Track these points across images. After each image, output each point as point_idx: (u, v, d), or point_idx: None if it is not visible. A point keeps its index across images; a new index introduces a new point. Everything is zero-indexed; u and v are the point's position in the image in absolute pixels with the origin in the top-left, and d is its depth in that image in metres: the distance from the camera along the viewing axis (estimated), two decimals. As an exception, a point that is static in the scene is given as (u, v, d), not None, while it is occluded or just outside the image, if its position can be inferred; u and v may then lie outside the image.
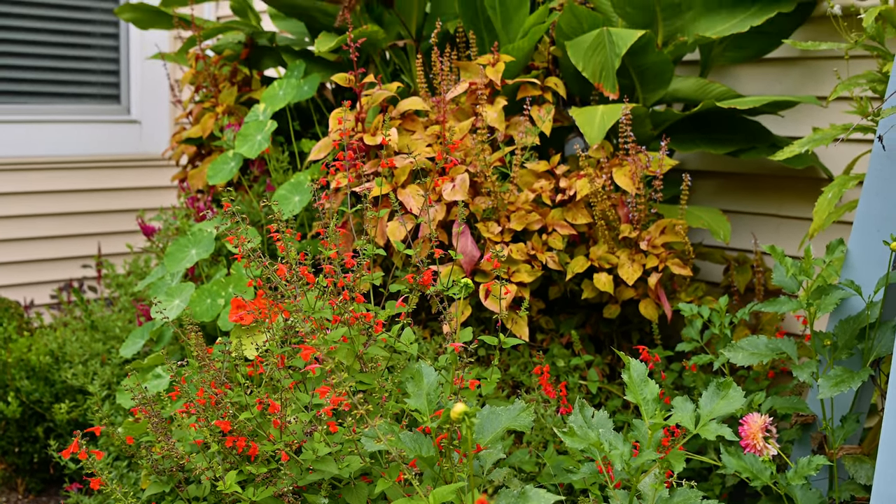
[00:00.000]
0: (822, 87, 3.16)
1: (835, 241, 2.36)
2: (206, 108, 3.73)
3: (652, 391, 1.92)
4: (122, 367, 3.30)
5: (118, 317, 3.69)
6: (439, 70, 2.97)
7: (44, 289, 4.92)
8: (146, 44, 5.29)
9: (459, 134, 2.86)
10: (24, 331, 3.92)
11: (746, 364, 2.31)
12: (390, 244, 2.78)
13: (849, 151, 3.02)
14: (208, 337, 2.95)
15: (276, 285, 2.22)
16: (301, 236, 3.20)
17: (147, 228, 3.69)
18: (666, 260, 2.77)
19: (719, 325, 2.55)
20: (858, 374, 2.17)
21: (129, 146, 5.29)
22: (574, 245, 2.96)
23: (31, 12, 5.00)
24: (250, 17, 3.95)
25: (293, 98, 3.35)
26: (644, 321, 3.08)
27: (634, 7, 2.98)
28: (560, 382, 2.74)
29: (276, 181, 3.34)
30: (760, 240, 3.31)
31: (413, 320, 2.98)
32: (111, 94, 5.34)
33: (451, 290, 2.19)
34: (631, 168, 2.79)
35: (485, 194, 2.82)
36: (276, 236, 2.23)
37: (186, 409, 2.22)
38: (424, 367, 1.97)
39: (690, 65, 3.45)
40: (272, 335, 2.18)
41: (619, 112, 2.79)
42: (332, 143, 2.90)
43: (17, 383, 3.42)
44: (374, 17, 3.51)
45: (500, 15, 3.15)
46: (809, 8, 3.13)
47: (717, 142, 3.15)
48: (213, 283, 2.88)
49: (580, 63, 2.91)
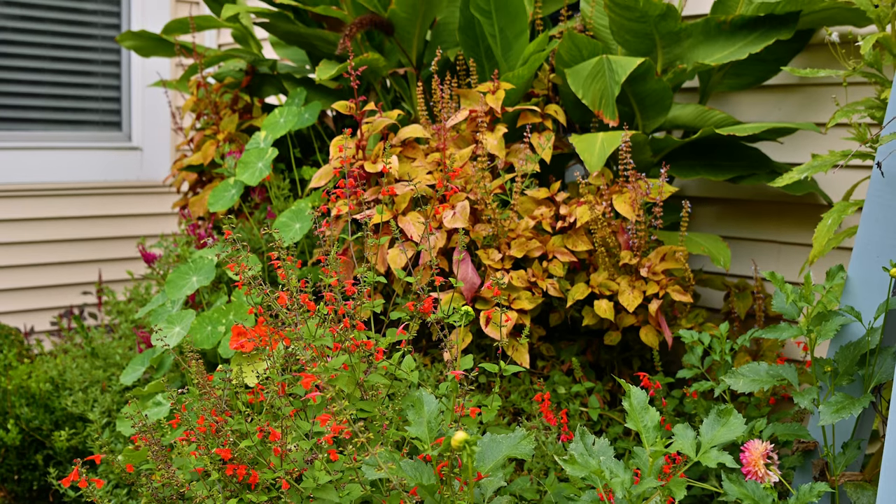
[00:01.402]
0: (821, 114, 3.17)
1: (835, 267, 2.37)
2: (208, 136, 3.74)
3: (652, 418, 1.91)
4: (122, 395, 3.30)
5: (118, 344, 3.69)
6: (440, 97, 2.98)
7: (44, 315, 4.92)
8: (147, 71, 5.31)
9: (460, 161, 2.86)
10: (24, 358, 3.92)
11: (747, 391, 2.30)
12: (391, 271, 2.78)
13: (848, 177, 3.03)
14: (209, 364, 2.95)
15: (276, 313, 2.23)
16: (302, 263, 3.20)
17: (148, 255, 3.69)
18: (666, 287, 2.77)
19: (720, 351, 2.55)
20: (859, 401, 2.16)
21: (131, 173, 5.31)
22: (574, 272, 2.96)
23: (34, 40, 5.03)
24: (251, 45, 3.97)
25: (294, 125, 3.37)
26: (645, 348, 3.08)
27: (633, 35, 3.00)
28: (561, 409, 2.73)
29: (276, 208, 3.35)
30: (761, 266, 3.31)
31: (414, 347, 2.98)
32: (112, 121, 5.35)
33: (452, 317, 2.19)
34: (631, 195, 2.79)
35: (485, 221, 2.82)
36: (277, 263, 2.23)
37: (187, 436, 2.22)
38: (425, 395, 1.96)
39: (690, 92, 3.46)
40: (273, 363, 2.18)
41: (618, 139, 2.80)
42: (333, 171, 2.91)
43: (16, 410, 3.41)
44: (374, 45, 3.53)
45: (500, 43, 3.17)
46: (807, 35, 3.15)
47: (716, 168, 3.16)
48: (214, 310, 2.88)
49: (580, 90, 2.93)
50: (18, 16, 4.96)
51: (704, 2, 3.37)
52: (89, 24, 5.21)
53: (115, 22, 5.29)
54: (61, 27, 5.11)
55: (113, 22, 5.29)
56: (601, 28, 3.21)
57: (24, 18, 4.99)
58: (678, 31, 2.95)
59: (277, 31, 3.55)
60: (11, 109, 4.99)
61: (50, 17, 5.06)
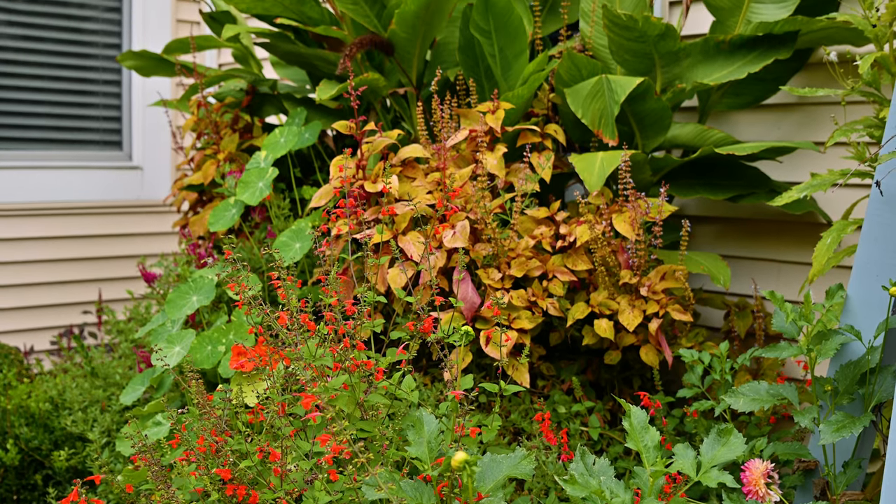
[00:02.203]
0: (820, 133, 3.18)
1: (834, 286, 2.37)
2: (208, 155, 3.75)
3: (653, 438, 1.91)
4: (122, 414, 3.30)
5: (118, 363, 3.69)
6: (440, 117, 2.99)
7: (44, 335, 4.92)
8: (148, 90, 5.33)
9: (460, 181, 2.87)
10: (23, 377, 3.91)
11: (748, 410, 2.30)
12: (391, 291, 2.78)
13: (847, 196, 3.03)
14: (209, 384, 2.95)
15: (276, 332, 2.23)
16: (302, 283, 3.20)
17: (148, 275, 3.69)
18: (666, 306, 2.77)
19: (720, 370, 2.55)
20: (860, 420, 2.16)
21: (131, 192, 5.31)
22: (574, 291, 2.96)
23: (35, 59, 5.04)
24: (252, 65, 3.99)
25: (294, 145, 3.37)
26: (645, 367, 3.08)
27: (633, 54, 3.01)
28: (561, 429, 2.73)
29: (277, 228, 3.35)
30: (760, 285, 3.31)
31: (414, 367, 2.97)
32: (113, 141, 5.36)
33: (452, 337, 2.19)
34: (631, 214, 2.80)
35: (485, 241, 2.82)
36: (278, 283, 2.24)
37: (187, 456, 2.21)
38: (425, 415, 1.96)
39: (689, 111, 3.47)
40: (273, 382, 2.18)
41: (618, 158, 2.81)
42: (334, 191, 2.92)
43: (16, 430, 3.41)
44: (374, 65, 3.54)
45: (500, 63, 3.18)
46: (806, 55, 3.16)
47: (716, 187, 3.17)
48: (214, 329, 2.88)
49: (579, 110, 2.93)
50: (20, 35, 4.98)
51: (703, 21, 3.38)
52: (90, 44, 5.23)
53: (115, 42, 5.31)
54: (62, 47, 5.13)
55: (114, 42, 5.31)
56: (600, 48, 3.22)
57: (26, 38, 5.00)
58: (677, 50, 2.96)
59: (278, 51, 3.57)
60: (12, 129, 5.00)
61: (51, 37, 5.08)
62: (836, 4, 3.11)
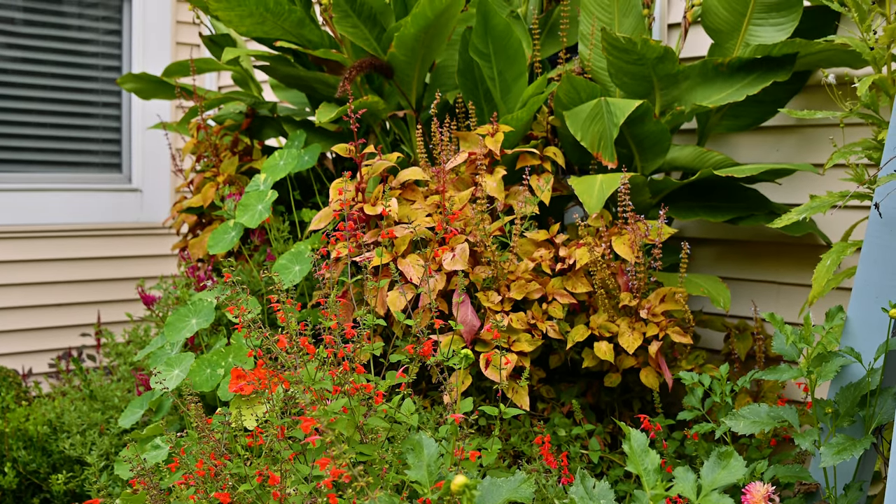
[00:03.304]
0: (819, 155, 3.18)
1: (834, 308, 2.37)
2: (208, 178, 3.75)
3: (653, 461, 1.91)
4: (120, 438, 3.29)
5: (117, 386, 3.68)
6: (439, 140, 2.99)
7: (42, 357, 4.91)
8: (148, 113, 5.34)
9: (459, 204, 2.87)
10: (21, 400, 3.90)
11: (748, 432, 2.29)
12: (391, 314, 2.78)
13: (847, 218, 3.04)
14: (208, 407, 2.94)
15: (276, 356, 2.22)
16: (301, 306, 3.20)
17: (147, 297, 3.69)
18: (666, 328, 2.77)
19: (720, 393, 2.54)
20: (860, 442, 2.15)
21: (130, 215, 5.32)
22: (574, 314, 2.96)
23: (35, 82, 5.05)
24: (251, 88, 4.00)
25: (294, 168, 3.38)
26: (645, 389, 3.07)
27: (632, 77, 3.01)
28: (561, 452, 2.72)
29: (276, 251, 3.35)
30: (760, 307, 3.31)
31: (413, 390, 2.97)
32: (113, 163, 5.37)
33: (452, 360, 2.19)
34: (630, 237, 2.80)
35: (485, 264, 2.82)
36: (277, 306, 2.23)
37: (185, 480, 2.20)
38: (425, 439, 1.96)
39: (688, 133, 3.48)
40: (272, 406, 2.17)
41: (617, 181, 2.81)
42: (333, 213, 2.92)
43: (14, 453, 3.39)
44: (374, 87, 3.55)
45: (499, 86, 3.19)
46: (805, 77, 3.17)
47: (715, 210, 3.17)
48: (213, 352, 2.87)
49: (579, 132, 2.94)
50: (19, 58, 4.99)
51: (701, 44, 3.39)
52: (90, 67, 5.24)
53: (115, 64, 5.33)
54: (62, 69, 5.14)
55: (114, 64, 5.32)
56: (599, 70, 3.23)
57: (25, 61, 5.02)
58: (676, 73, 2.97)
59: (277, 74, 3.58)
60: (12, 151, 5.01)
61: (51, 60, 5.09)
62: (833, 27, 3.12)
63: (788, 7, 2.97)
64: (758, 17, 3.03)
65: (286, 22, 3.32)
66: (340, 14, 3.24)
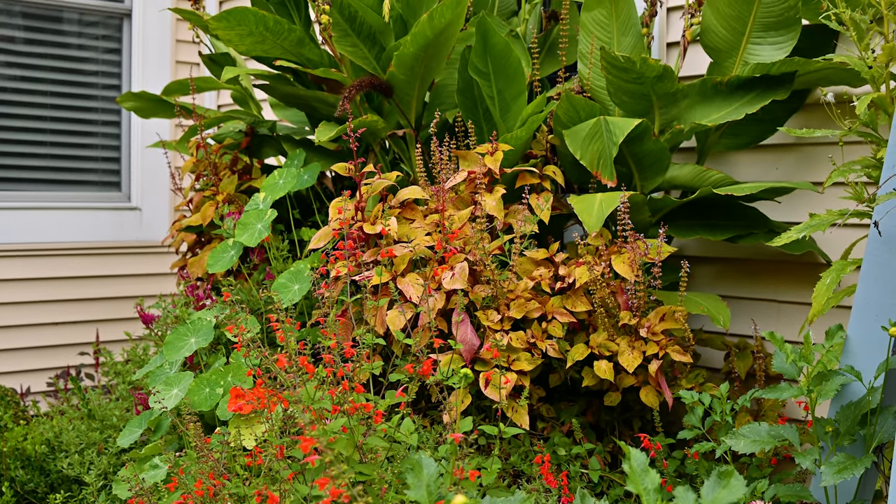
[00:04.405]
0: (818, 173, 3.18)
1: (834, 326, 2.36)
2: (207, 197, 3.75)
3: (653, 481, 1.90)
4: (119, 457, 3.28)
5: (116, 405, 3.67)
6: (438, 159, 3.00)
7: (41, 376, 4.90)
8: (147, 132, 5.34)
9: (458, 222, 2.87)
10: (19, 419, 3.89)
11: (748, 451, 2.29)
12: (390, 333, 2.77)
13: (846, 236, 3.03)
14: (207, 426, 2.93)
15: (275, 375, 2.22)
16: (301, 325, 3.19)
17: (146, 316, 3.69)
18: (666, 347, 2.77)
19: (721, 411, 2.54)
20: (861, 461, 2.15)
21: (130, 233, 5.32)
22: (574, 332, 2.95)
23: (35, 100, 5.06)
24: (251, 106, 4.00)
25: (293, 187, 3.38)
26: (645, 408, 3.06)
27: (631, 96, 3.02)
28: (561, 471, 2.71)
29: (275, 269, 3.35)
30: (760, 325, 3.30)
31: (413, 409, 2.96)
32: (112, 182, 5.38)
33: (451, 379, 2.18)
34: (630, 255, 2.80)
35: (484, 282, 2.82)
36: (276, 325, 2.23)
37: (184, 500, 2.20)
38: (424, 458, 1.95)
39: (687, 152, 3.48)
40: (271, 425, 2.17)
41: (617, 200, 2.81)
42: (332, 232, 2.92)
43: (11, 473, 3.38)
44: (373, 106, 3.55)
45: (499, 104, 3.19)
46: (803, 95, 3.17)
47: (715, 228, 3.17)
48: (212, 371, 2.87)
49: (578, 151, 2.94)
50: (19, 76, 5.01)
51: (700, 63, 3.40)
52: (90, 85, 5.26)
53: (115, 83, 5.34)
54: (62, 88, 5.15)
55: (113, 83, 5.34)
56: (598, 89, 3.24)
57: (25, 79, 5.03)
58: (675, 91, 2.97)
59: (277, 93, 3.58)
60: (12, 170, 5.01)
61: (50, 78, 5.11)
62: (832, 46, 3.13)
63: (787, 26, 2.98)
64: (756, 36, 3.04)
65: (286, 41, 3.33)
66: (340, 33, 3.25)
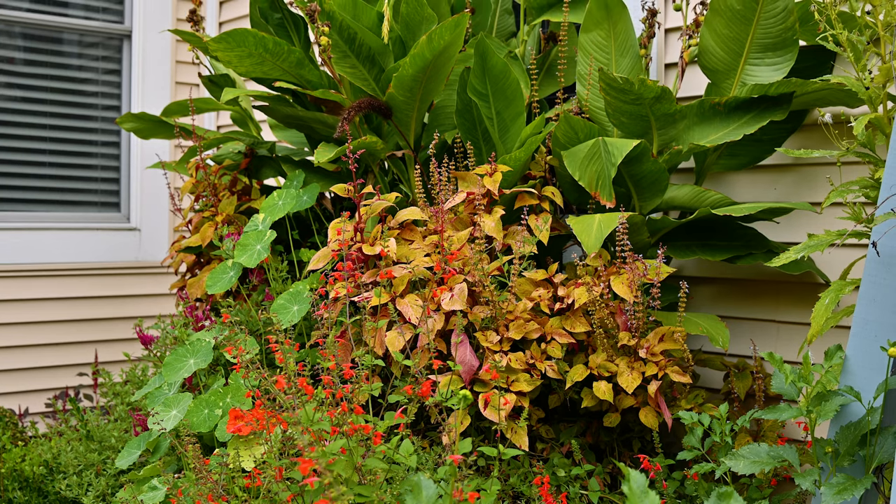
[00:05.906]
0: (816, 193, 3.19)
1: (833, 346, 2.36)
2: (206, 217, 3.76)
3: (652, 502, 1.90)
4: (117, 478, 3.27)
5: (114, 426, 3.66)
6: (437, 180, 3.00)
7: (39, 397, 4.89)
8: (147, 152, 5.35)
9: (458, 243, 2.87)
10: (18, 440, 3.89)
11: (748, 472, 2.28)
12: (389, 354, 2.77)
13: (845, 256, 3.04)
14: (205, 448, 2.93)
15: (274, 396, 2.22)
16: (300, 346, 3.19)
17: (145, 337, 3.68)
18: (665, 367, 2.77)
19: (720, 432, 2.53)
20: (861, 482, 2.14)
21: (129, 254, 5.32)
22: (573, 353, 2.95)
23: (35, 121, 5.08)
24: (250, 127, 4.01)
25: (292, 208, 3.38)
26: (645, 429, 3.06)
27: (629, 117, 3.03)
28: (561, 493, 2.71)
29: (275, 290, 3.35)
30: (759, 345, 3.30)
31: (412, 430, 2.95)
32: (111, 202, 5.38)
33: (450, 400, 2.18)
34: (629, 276, 2.80)
35: (483, 303, 2.82)
36: (275, 346, 2.23)
37: (183, 522, 2.19)
38: (423, 480, 1.95)
39: (686, 172, 3.49)
40: (270, 447, 2.17)
41: (615, 220, 2.82)
42: (331, 253, 2.92)
43: (9, 494, 3.37)
44: (372, 127, 3.56)
45: (497, 126, 3.20)
46: (801, 116, 3.18)
47: (713, 249, 3.17)
48: (211, 393, 2.86)
49: (577, 172, 2.95)
50: (19, 97, 5.02)
51: (698, 84, 3.41)
52: (89, 106, 5.27)
53: (115, 104, 5.35)
54: (61, 108, 5.16)
55: (113, 104, 5.35)
56: (597, 110, 3.25)
57: (25, 100, 5.04)
58: (673, 112, 2.98)
59: (276, 114, 3.59)
60: (11, 190, 5.02)
61: (50, 99, 5.12)
62: (829, 67, 3.14)
63: (784, 47, 2.99)
64: (754, 56, 3.05)
65: (285, 62, 3.34)
66: (339, 55, 3.26)
